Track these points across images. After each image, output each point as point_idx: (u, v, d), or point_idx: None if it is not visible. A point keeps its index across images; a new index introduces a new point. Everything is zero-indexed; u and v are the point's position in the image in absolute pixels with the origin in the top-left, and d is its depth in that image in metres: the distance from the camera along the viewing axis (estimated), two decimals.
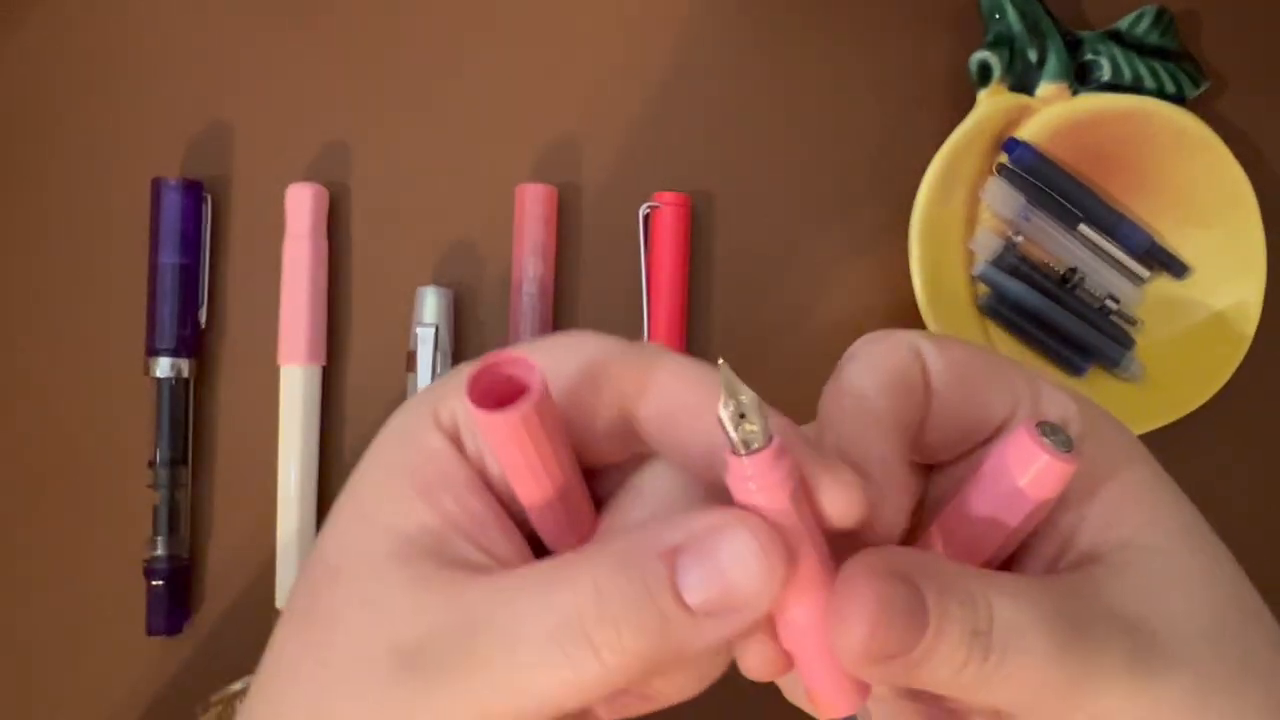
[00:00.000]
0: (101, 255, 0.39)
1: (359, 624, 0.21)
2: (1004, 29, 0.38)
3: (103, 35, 0.40)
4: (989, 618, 0.20)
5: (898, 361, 0.23)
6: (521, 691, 0.20)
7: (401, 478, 0.22)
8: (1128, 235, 0.38)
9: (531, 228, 0.38)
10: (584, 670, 0.19)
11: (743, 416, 0.19)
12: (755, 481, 0.19)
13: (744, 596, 0.19)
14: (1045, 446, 0.21)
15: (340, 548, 0.22)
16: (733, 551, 0.19)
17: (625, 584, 0.19)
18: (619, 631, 0.19)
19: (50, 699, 0.38)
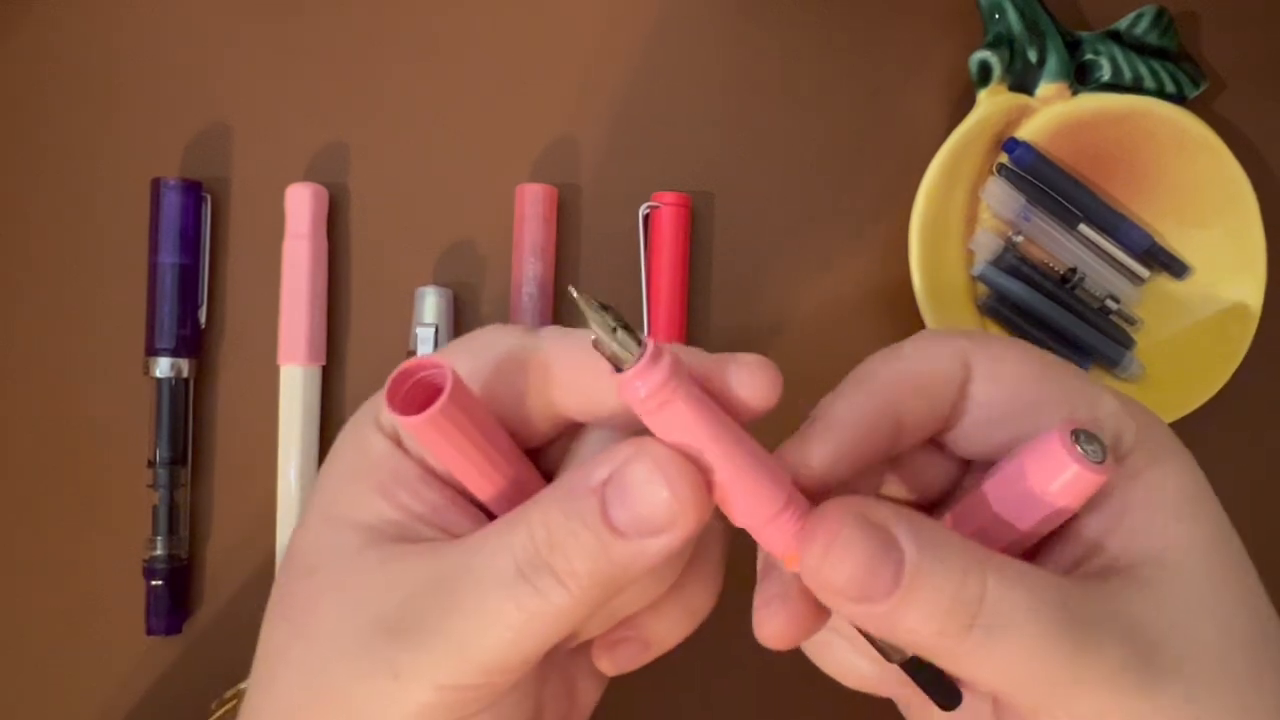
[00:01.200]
0: (101, 255, 0.39)
1: (340, 605, 0.23)
2: (1004, 29, 0.38)
3: (102, 35, 0.40)
4: (979, 594, 0.20)
5: (931, 367, 0.23)
6: (498, 629, 0.21)
7: (359, 481, 0.24)
8: (1128, 235, 0.38)
9: (531, 228, 0.38)
10: (550, 596, 0.21)
11: (615, 330, 0.20)
12: (644, 389, 0.20)
13: (659, 520, 0.21)
14: (1077, 456, 0.21)
15: (312, 548, 0.24)
16: (638, 480, 0.21)
17: (566, 518, 0.21)
18: (569, 558, 0.21)
19: (50, 699, 0.38)
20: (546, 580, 0.21)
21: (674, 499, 0.20)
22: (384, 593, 0.22)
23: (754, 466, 0.21)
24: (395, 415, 0.21)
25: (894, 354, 0.24)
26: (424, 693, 0.22)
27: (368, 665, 0.22)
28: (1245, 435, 0.40)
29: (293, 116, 0.39)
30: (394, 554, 0.23)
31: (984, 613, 0.20)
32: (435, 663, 0.22)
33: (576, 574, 0.21)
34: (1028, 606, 0.20)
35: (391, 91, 0.40)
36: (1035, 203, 0.38)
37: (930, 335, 0.24)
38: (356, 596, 0.22)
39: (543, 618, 0.21)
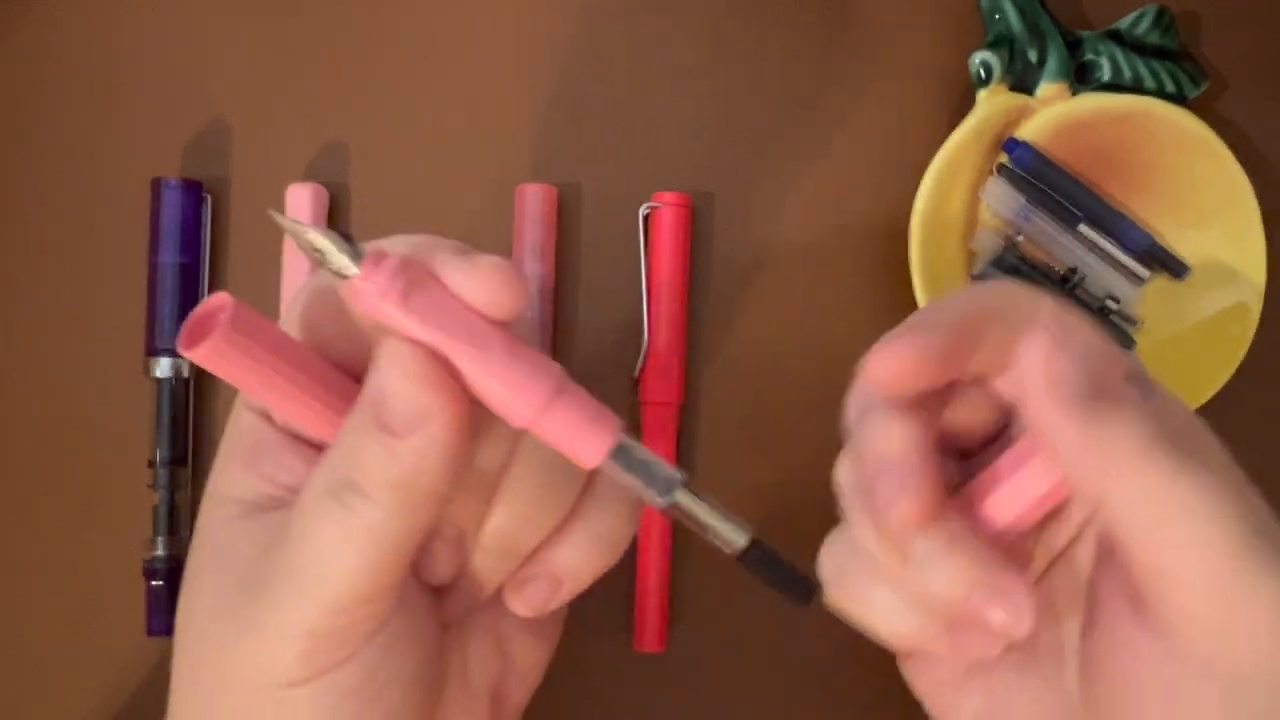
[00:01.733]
0: (101, 255, 0.39)
1: (213, 576, 0.24)
2: (1004, 29, 0.38)
3: (102, 35, 0.40)
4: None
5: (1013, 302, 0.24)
6: (327, 558, 0.22)
7: (232, 458, 0.24)
8: (1128, 235, 0.38)
9: (531, 228, 0.38)
10: (360, 510, 0.22)
11: (317, 253, 0.21)
12: (373, 293, 0.21)
13: (416, 410, 0.21)
14: None
15: (201, 527, 0.25)
16: (389, 377, 0.21)
17: (354, 433, 0.22)
18: (364, 469, 0.21)
19: (50, 699, 0.38)
20: (353, 496, 0.21)
21: (419, 388, 0.21)
22: (247, 557, 0.23)
23: (506, 361, 0.21)
24: (182, 349, 0.21)
25: (979, 287, 0.25)
26: (285, 645, 0.22)
27: (233, 628, 0.23)
28: (1245, 435, 0.40)
29: (293, 116, 0.39)
30: (264, 524, 0.23)
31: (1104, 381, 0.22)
32: (285, 610, 0.22)
33: (376, 483, 0.21)
34: None
35: (391, 91, 0.40)
36: (1035, 203, 0.38)
37: (1014, 284, 0.24)
38: (226, 566, 0.23)
39: (363, 535, 0.22)
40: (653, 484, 0.23)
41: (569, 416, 0.22)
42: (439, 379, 0.21)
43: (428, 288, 0.21)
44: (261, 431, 0.24)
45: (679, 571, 0.38)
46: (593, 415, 0.22)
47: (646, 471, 0.22)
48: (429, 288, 0.21)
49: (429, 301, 0.21)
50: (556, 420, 0.22)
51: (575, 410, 0.22)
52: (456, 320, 0.21)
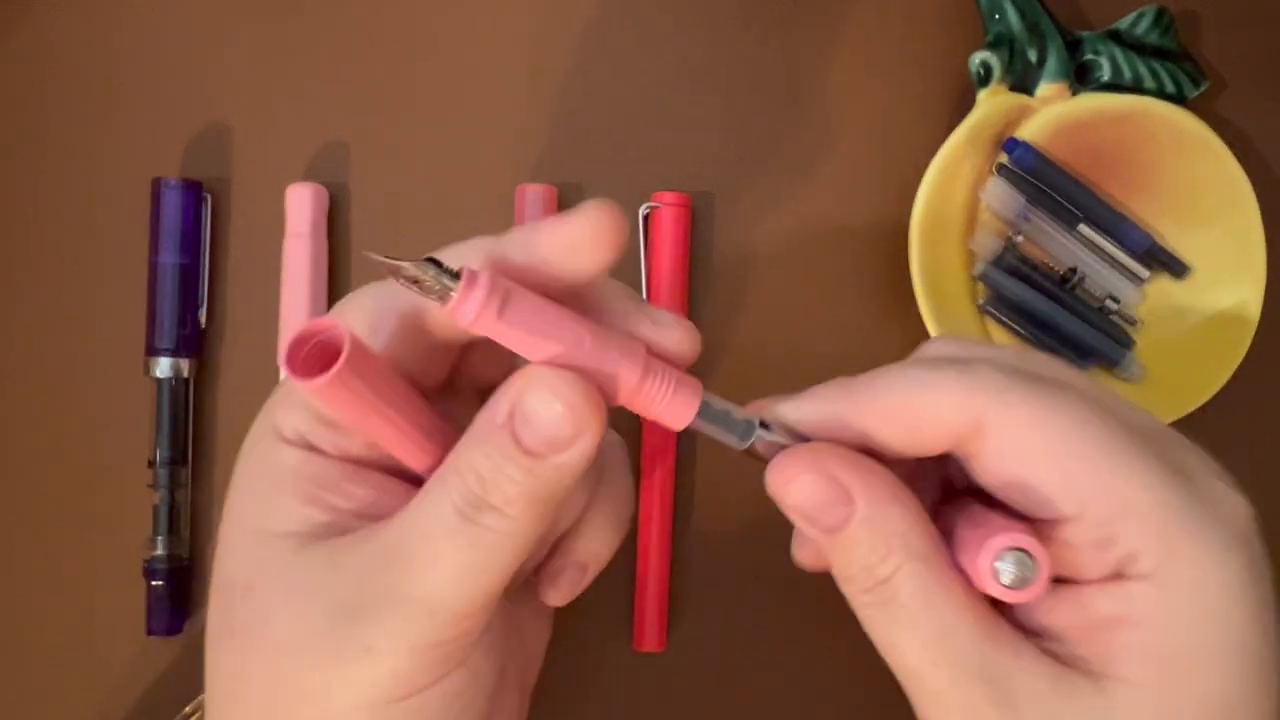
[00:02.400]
0: (101, 255, 0.39)
1: (291, 609, 0.23)
2: (1004, 29, 0.38)
3: (102, 35, 0.40)
4: (887, 576, 0.23)
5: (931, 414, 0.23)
6: (458, 573, 0.22)
7: (280, 495, 0.24)
8: (1128, 235, 0.38)
9: None
10: (496, 526, 0.22)
11: (416, 282, 0.21)
12: (470, 312, 0.21)
13: (565, 434, 0.22)
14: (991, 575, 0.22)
15: (245, 567, 0.24)
16: (534, 406, 0.22)
17: (487, 458, 0.22)
18: (501, 489, 0.22)
19: (50, 699, 0.38)
20: (489, 515, 0.22)
21: (569, 411, 0.22)
22: (334, 583, 0.23)
23: (598, 353, 0.23)
24: (297, 380, 0.21)
25: (900, 378, 0.24)
26: (400, 659, 0.22)
27: (336, 651, 0.22)
28: (1245, 435, 0.40)
29: (293, 116, 0.39)
30: (334, 547, 0.23)
31: (885, 595, 0.23)
32: (406, 625, 0.22)
33: (513, 500, 0.22)
34: (926, 629, 0.22)
35: (391, 91, 0.40)
36: (1035, 203, 0.38)
37: (945, 375, 0.23)
38: (306, 596, 0.23)
39: (495, 549, 0.22)
40: (733, 430, 0.25)
41: (659, 388, 0.23)
42: (585, 399, 0.22)
43: (519, 297, 0.22)
44: (316, 465, 0.24)
45: (679, 571, 0.38)
46: (678, 383, 0.24)
47: (727, 420, 0.24)
48: (520, 297, 0.22)
49: (522, 310, 0.22)
50: (649, 394, 0.23)
51: (663, 382, 0.23)
52: (548, 322, 0.22)
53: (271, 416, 0.25)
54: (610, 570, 0.38)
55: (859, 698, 0.39)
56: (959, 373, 0.23)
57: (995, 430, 0.22)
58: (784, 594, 0.38)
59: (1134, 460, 0.22)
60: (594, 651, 0.38)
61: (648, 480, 0.38)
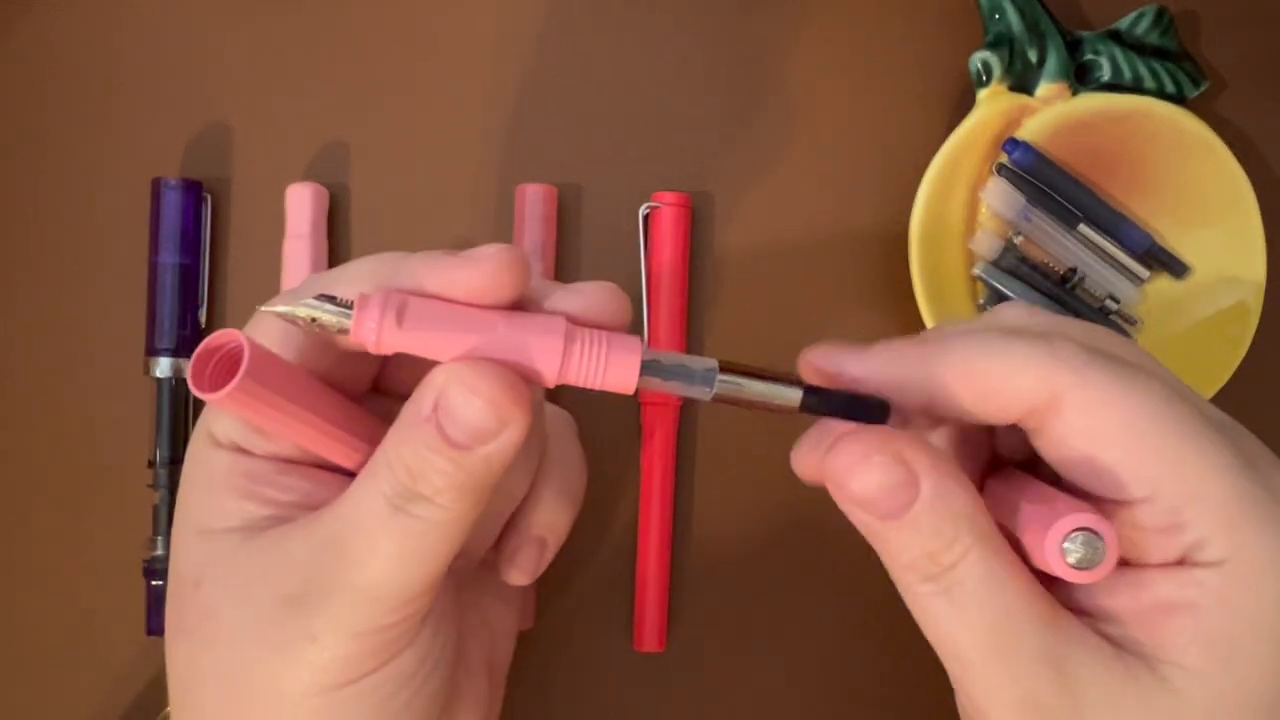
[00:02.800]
0: (101, 255, 0.39)
1: (236, 601, 0.23)
2: (1004, 29, 0.38)
3: (102, 35, 0.40)
4: (952, 562, 0.22)
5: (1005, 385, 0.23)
6: (393, 560, 0.22)
7: (217, 494, 0.24)
8: (1128, 235, 0.38)
9: (531, 228, 0.38)
10: (427, 515, 0.22)
11: (313, 322, 0.22)
12: (371, 335, 0.22)
13: (490, 425, 0.22)
14: (1058, 555, 0.21)
15: (192, 563, 0.24)
16: (456, 402, 0.22)
17: (414, 450, 0.22)
18: (430, 480, 0.22)
19: (50, 699, 0.38)
20: (419, 504, 0.22)
21: (489, 404, 0.22)
22: (277, 574, 0.23)
23: (515, 331, 0.22)
24: (200, 393, 0.21)
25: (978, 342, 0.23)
26: (344, 645, 0.23)
27: (281, 641, 0.23)
28: None
29: (293, 116, 0.39)
30: (274, 538, 0.24)
31: (949, 581, 0.22)
32: (348, 613, 0.23)
33: (442, 490, 0.22)
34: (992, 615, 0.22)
35: (391, 91, 0.40)
36: (1035, 203, 0.38)
37: (1026, 345, 0.22)
38: (250, 587, 0.23)
39: (428, 537, 0.23)
40: (693, 382, 0.23)
41: (591, 354, 0.23)
42: (505, 390, 0.22)
43: (417, 305, 0.22)
44: (248, 464, 0.25)
45: (679, 571, 0.38)
46: (611, 346, 0.23)
47: (684, 374, 0.23)
48: (418, 304, 0.22)
49: (423, 315, 0.22)
50: (582, 363, 0.23)
51: (593, 347, 0.23)
52: (454, 320, 0.22)
53: (206, 422, 0.25)
54: (610, 570, 0.38)
55: (859, 697, 0.39)
56: (1040, 344, 0.22)
57: (1071, 406, 0.22)
58: (784, 594, 0.38)
59: (1208, 448, 0.21)
60: (594, 651, 0.38)
61: (648, 480, 0.38)
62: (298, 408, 0.23)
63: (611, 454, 0.38)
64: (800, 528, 0.38)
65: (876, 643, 0.38)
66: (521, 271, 0.23)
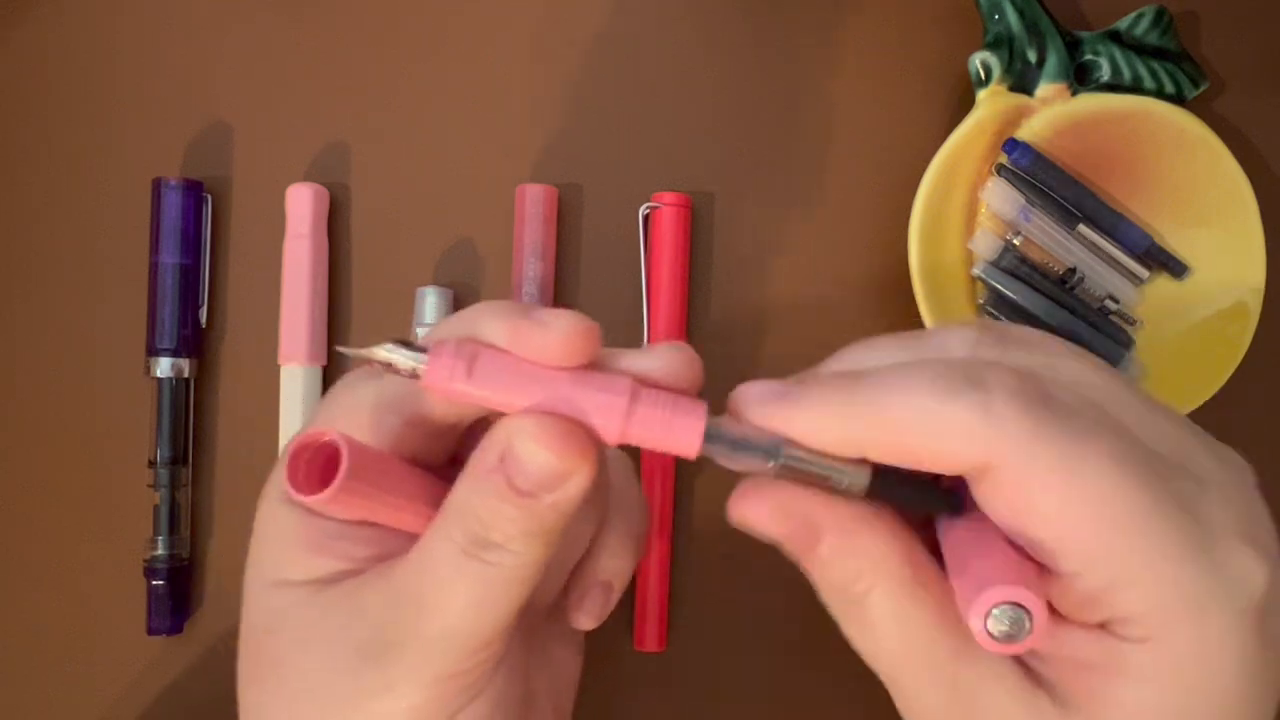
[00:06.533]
0: (101, 255, 0.39)
1: (311, 650, 0.24)
2: (1003, 29, 0.38)
3: (102, 35, 0.40)
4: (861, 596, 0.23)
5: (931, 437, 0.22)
6: (467, 607, 0.23)
7: (290, 550, 0.25)
8: (1127, 235, 0.38)
9: (531, 228, 0.38)
10: (500, 560, 0.23)
11: (389, 366, 0.22)
12: (444, 380, 0.22)
13: (556, 475, 0.22)
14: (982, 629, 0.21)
15: (267, 612, 0.25)
16: (523, 453, 0.22)
17: (482, 499, 0.23)
18: (501, 527, 0.22)
19: (51, 699, 0.38)
20: (492, 551, 0.23)
21: (556, 456, 0.22)
22: (352, 625, 0.23)
23: (575, 393, 0.22)
24: (301, 497, 0.22)
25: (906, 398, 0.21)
26: (421, 692, 0.23)
27: (357, 692, 0.23)
28: (1245, 435, 0.40)
29: (293, 116, 0.39)
30: (348, 590, 0.24)
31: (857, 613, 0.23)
32: (424, 660, 0.23)
33: (514, 536, 0.23)
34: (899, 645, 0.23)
35: (391, 91, 0.40)
36: (1035, 203, 0.38)
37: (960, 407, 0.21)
38: (326, 636, 0.24)
39: (500, 582, 0.23)
40: (756, 455, 0.23)
41: (654, 413, 0.23)
42: (569, 440, 0.22)
43: (487, 358, 0.23)
44: (319, 521, 0.25)
45: (679, 571, 0.38)
46: (675, 408, 0.23)
47: (747, 446, 0.23)
48: (488, 357, 0.23)
49: (492, 367, 0.22)
50: (644, 421, 0.22)
51: (657, 409, 0.23)
52: (522, 374, 0.23)
53: (277, 479, 0.26)
54: None
55: (859, 697, 0.39)
56: (975, 405, 0.21)
57: (1005, 479, 0.21)
58: (784, 594, 0.38)
59: (1149, 529, 0.20)
60: (594, 651, 0.38)
61: (648, 481, 0.38)
62: (390, 496, 0.24)
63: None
64: None
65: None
66: (592, 340, 0.23)
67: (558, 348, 0.22)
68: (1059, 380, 0.22)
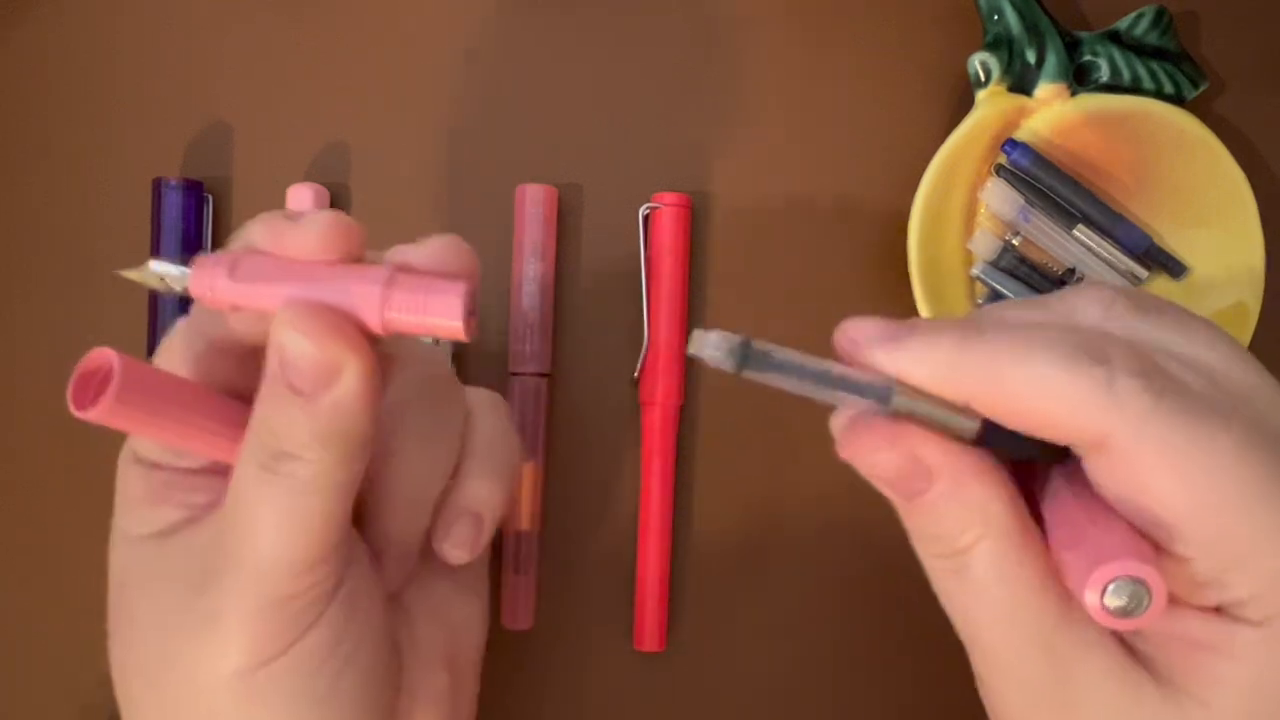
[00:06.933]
0: (101, 255, 0.39)
1: (151, 596, 0.24)
2: (1003, 30, 0.38)
3: (103, 35, 0.40)
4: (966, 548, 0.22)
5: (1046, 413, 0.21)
6: (275, 525, 0.23)
7: (135, 504, 0.26)
8: (1126, 235, 0.38)
9: (531, 228, 0.38)
10: (297, 472, 0.23)
11: (164, 279, 0.23)
12: (208, 288, 0.23)
13: (324, 366, 0.22)
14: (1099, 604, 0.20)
15: (119, 567, 0.26)
16: (287, 345, 0.22)
17: (271, 409, 0.23)
18: (290, 435, 0.22)
19: (50, 699, 0.38)
20: (287, 462, 0.23)
21: (315, 342, 0.22)
22: (183, 565, 0.24)
23: (338, 277, 0.23)
24: (79, 412, 0.22)
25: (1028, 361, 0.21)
26: (245, 623, 0.23)
27: (189, 626, 0.23)
28: None
29: (293, 116, 0.40)
30: (183, 535, 0.25)
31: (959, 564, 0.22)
32: (244, 587, 0.23)
33: (306, 443, 0.22)
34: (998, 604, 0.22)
35: (391, 91, 0.40)
36: (1034, 204, 0.38)
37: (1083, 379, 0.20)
38: (161, 581, 0.24)
39: (305, 495, 0.23)
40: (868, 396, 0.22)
41: (411, 300, 0.23)
42: (337, 329, 0.22)
43: (248, 261, 0.23)
44: (160, 474, 0.26)
45: (679, 571, 0.38)
46: (430, 289, 0.23)
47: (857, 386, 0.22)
48: (249, 261, 0.23)
49: (252, 268, 0.23)
50: (403, 308, 0.23)
51: (414, 293, 0.23)
52: (281, 272, 0.23)
53: (129, 440, 0.27)
54: (610, 570, 0.38)
55: (859, 697, 0.39)
56: (1099, 380, 0.20)
57: (1124, 456, 0.20)
58: (784, 594, 0.38)
59: (1267, 513, 0.20)
60: (594, 651, 0.38)
61: (647, 480, 0.38)
62: (181, 415, 0.24)
63: (612, 454, 0.38)
64: (800, 528, 0.39)
65: (877, 642, 0.38)
66: (353, 236, 0.23)
67: (315, 241, 0.23)
68: (1186, 356, 0.22)
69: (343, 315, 0.22)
